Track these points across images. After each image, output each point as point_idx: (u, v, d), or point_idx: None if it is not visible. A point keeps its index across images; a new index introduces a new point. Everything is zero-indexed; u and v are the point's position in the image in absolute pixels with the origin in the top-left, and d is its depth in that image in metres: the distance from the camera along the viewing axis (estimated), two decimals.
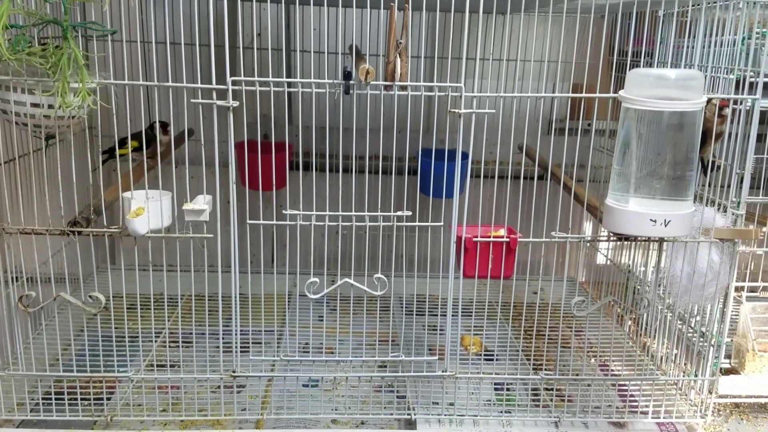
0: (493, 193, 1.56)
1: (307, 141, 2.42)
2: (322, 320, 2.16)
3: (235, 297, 1.55)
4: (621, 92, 1.44)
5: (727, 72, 1.62)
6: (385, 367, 1.79)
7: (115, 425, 1.63)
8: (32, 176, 1.52)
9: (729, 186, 1.62)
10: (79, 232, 1.49)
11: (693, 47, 1.69)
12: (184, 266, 1.57)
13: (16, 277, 1.60)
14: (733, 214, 1.62)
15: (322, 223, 1.54)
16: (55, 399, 1.63)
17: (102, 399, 1.71)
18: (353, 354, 1.64)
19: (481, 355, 2.02)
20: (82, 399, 1.62)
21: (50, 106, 1.41)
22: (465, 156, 1.59)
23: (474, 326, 2.15)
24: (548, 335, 1.74)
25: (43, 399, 1.66)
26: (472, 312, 2.23)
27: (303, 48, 2.31)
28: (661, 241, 1.60)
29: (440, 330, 2.01)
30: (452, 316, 1.61)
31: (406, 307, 2.28)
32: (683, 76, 1.40)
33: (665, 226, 1.44)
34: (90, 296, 1.54)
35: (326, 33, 1.44)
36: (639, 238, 1.57)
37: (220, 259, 1.55)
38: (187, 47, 1.43)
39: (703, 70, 1.67)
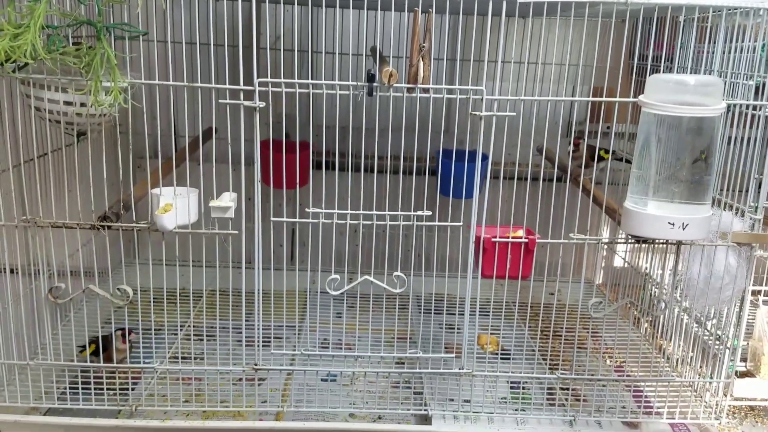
0: (512, 194, 1.58)
1: (328, 141, 2.46)
2: (341, 317, 2.19)
3: (258, 292, 1.58)
4: (641, 97, 1.46)
5: (746, 78, 1.63)
6: (403, 363, 1.81)
7: (139, 414, 1.68)
8: (64, 172, 1.57)
9: (747, 191, 1.63)
10: (109, 227, 1.53)
11: (713, 53, 1.70)
12: (209, 262, 1.61)
13: (45, 269, 1.65)
14: (750, 218, 1.63)
15: (343, 222, 1.57)
16: (82, 388, 1.68)
17: (127, 389, 1.76)
18: (371, 350, 1.67)
19: (497, 354, 2.04)
20: (107, 388, 1.67)
21: (83, 104, 1.45)
22: (485, 157, 1.61)
23: (491, 326, 2.17)
24: (564, 336, 1.76)
25: (69, 388, 1.71)
26: (489, 312, 2.25)
27: (325, 49, 2.35)
28: (678, 244, 1.61)
29: (457, 328, 2.03)
30: (470, 315, 1.64)
31: (423, 306, 2.31)
32: (702, 82, 1.42)
33: (683, 229, 1.46)
34: (118, 289, 1.58)
35: (349, 35, 1.46)
36: (657, 241, 1.59)
37: (244, 255, 1.58)
38: (212, 48, 1.46)
39: (722, 76, 1.68)
